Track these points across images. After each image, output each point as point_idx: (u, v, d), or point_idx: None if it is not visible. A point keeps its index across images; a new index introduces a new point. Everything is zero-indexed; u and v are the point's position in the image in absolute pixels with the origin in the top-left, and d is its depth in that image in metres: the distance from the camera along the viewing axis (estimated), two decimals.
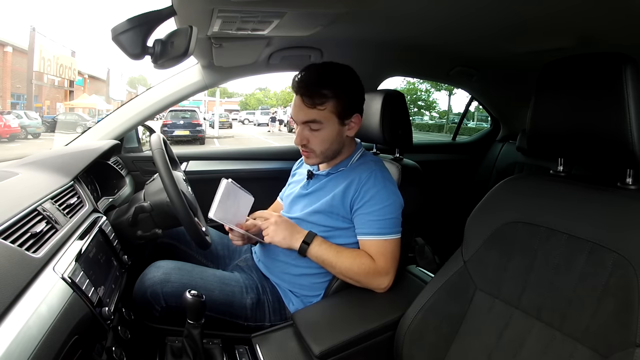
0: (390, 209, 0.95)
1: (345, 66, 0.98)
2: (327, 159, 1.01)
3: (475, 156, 2.39)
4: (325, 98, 0.92)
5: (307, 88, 0.93)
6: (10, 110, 14.27)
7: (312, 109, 0.93)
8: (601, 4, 0.85)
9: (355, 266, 0.93)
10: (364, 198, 0.95)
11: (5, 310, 0.52)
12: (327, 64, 0.97)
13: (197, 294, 0.79)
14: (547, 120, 0.71)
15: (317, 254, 0.94)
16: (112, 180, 1.28)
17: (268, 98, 43.26)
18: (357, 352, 0.84)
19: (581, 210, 0.66)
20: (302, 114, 0.95)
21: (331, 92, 0.92)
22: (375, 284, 0.95)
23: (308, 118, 0.94)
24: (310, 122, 0.95)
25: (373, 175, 0.96)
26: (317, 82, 0.93)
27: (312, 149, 0.98)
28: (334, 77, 0.95)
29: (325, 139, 0.96)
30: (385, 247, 0.94)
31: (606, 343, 0.56)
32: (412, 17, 1.05)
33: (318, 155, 0.99)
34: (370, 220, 0.94)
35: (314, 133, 0.96)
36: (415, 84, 22.45)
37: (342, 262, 0.93)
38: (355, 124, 0.99)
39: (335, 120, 0.95)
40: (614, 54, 0.62)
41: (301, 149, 1.00)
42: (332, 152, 1.00)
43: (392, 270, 0.95)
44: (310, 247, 0.94)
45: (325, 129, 0.95)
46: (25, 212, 0.72)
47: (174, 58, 0.71)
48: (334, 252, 0.94)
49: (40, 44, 15.51)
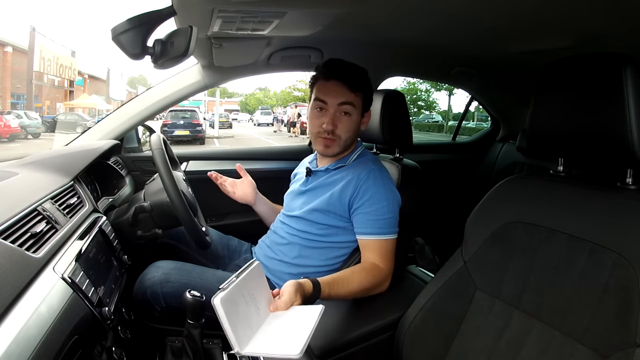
0: (389, 208, 0.95)
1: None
2: (343, 149, 1.04)
3: (475, 156, 2.39)
4: (361, 86, 1.00)
5: (349, 73, 0.99)
6: (10, 110, 14.27)
7: (351, 92, 0.98)
8: (601, 4, 0.85)
9: (368, 283, 0.89)
10: (363, 197, 0.95)
11: (5, 310, 0.51)
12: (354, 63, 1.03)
13: (197, 294, 0.79)
14: (547, 120, 0.71)
15: (330, 299, 0.84)
16: (112, 180, 1.28)
17: (268, 98, 43.23)
18: (357, 352, 0.84)
19: (581, 210, 0.66)
20: (342, 95, 0.98)
21: (364, 82, 1.01)
22: (381, 289, 0.94)
23: (347, 99, 0.98)
24: (346, 104, 0.98)
25: (372, 174, 0.97)
26: (355, 70, 1.00)
27: (339, 134, 1.00)
28: (364, 71, 1.02)
29: (351, 126, 1.01)
30: (386, 247, 0.94)
31: (606, 343, 0.56)
32: (412, 17, 1.05)
33: (341, 144, 1.02)
34: (369, 219, 0.95)
35: (345, 118, 1.00)
36: (415, 84, 22.43)
37: (355, 290, 0.87)
38: (367, 121, 1.07)
39: (360, 110, 1.02)
40: (614, 54, 0.62)
41: (325, 137, 1.00)
42: (350, 142, 1.03)
43: (391, 272, 0.95)
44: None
45: (353, 116, 1.00)
46: (25, 212, 0.72)
47: (174, 58, 0.71)
48: (345, 289, 0.86)
49: (40, 44, 15.52)
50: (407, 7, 0.95)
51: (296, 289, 0.72)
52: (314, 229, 1.01)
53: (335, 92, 0.98)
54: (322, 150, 1.03)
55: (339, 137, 1.00)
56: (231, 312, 0.59)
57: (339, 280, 0.86)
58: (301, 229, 1.04)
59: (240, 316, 0.61)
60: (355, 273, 0.90)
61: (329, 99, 0.99)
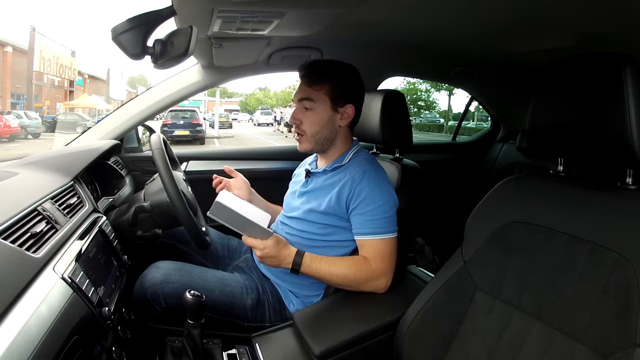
0: (385, 208, 0.95)
1: (349, 64, 1.05)
2: (318, 145, 1.03)
3: (475, 156, 2.39)
4: (323, 80, 0.99)
5: (308, 69, 1.02)
6: (10, 110, 14.27)
7: (308, 87, 1.00)
8: (601, 4, 0.85)
9: (351, 274, 0.93)
10: (358, 198, 0.95)
11: (5, 310, 0.51)
12: (332, 60, 1.06)
13: (197, 294, 0.79)
14: (547, 120, 0.71)
15: (309, 272, 0.93)
16: (112, 180, 1.28)
17: (268, 98, 43.24)
18: (357, 352, 0.84)
19: (581, 210, 0.66)
20: (299, 92, 1.02)
21: (329, 76, 1.00)
22: (374, 286, 0.95)
23: (303, 95, 1.01)
24: (305, 100, 1.00)
25: (367, 175, 0.97)
26: (318, 66, 1.03)
27: (304, 129, 1.02)
28: (334, 65, 1.03)
29: (316, 121, 1.01)
30: (383, 247, 0.94)
31: (606, 343, 0.56)
32: (412, 17, 1.05)
33: (309, 139, 1.02)
34: (365, 220, 0.95)
35: (307, 113, 1.01)
36: (415, 84, 22.42)
37: (336, 273, 0.93)
38: (349, 115, 1.03)
39: (328, 104, 1.00)
40: (614, 54, 0.62)
41: (294, 132, 1.05)
42: (322, 137, 1.02)
43: (389, 271, 0.95)
44: (301, 269, 0.92)
45: (317, 111, 1.00)
46: (25, 212, 0.72)
47: (174, 58, 0.71)
48: (327, 266, 0.93)
49: (40, 44, 15.50)
50: (407, 7, 0.95)
51: (278, 240, 0.89)
52: (314, 228, 1.01)
53: (298, 89, 1.03)
54: (299, 147, 1.06)
55: (305, 132, 1.02)
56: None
57: (324, 259, 0.94)
58: (301, 228, 1.04)
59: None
60: (341, 259, 0.96)
61: (294, 96, 1.05)
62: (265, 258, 0.89)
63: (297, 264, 0.91)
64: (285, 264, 0.91)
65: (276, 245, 0.89)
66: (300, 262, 0.91)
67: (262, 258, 0.89)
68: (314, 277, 0.94)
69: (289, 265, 0.91)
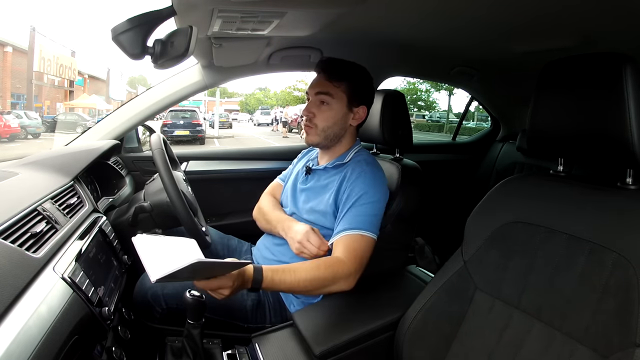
0: (375, 206, 0.95)
1: (363, 67, 1.06)
2: (326, 140, 1.03)
3: (475, 156, 2.39)
4: (343, 77, 1.00)
5: (328, 64, 1.02)
6: (10, 110, 14.26)
7: (328, 82, 1.00)
8: (601, 4, 0.85)
9: (320, 274, 0.86)
10: (351, 193, 0.96)
11: (5, 310, 0.52)
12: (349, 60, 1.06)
13: (197, 294, 0.79)
14: (547, 120, 0.71)
15: (272, 287, 0.83)
16: (112, 180, 1.28)
17: (268, 98, 43.21)
18: (357, 352, 0.84)
19: (581, 210, 0.66)
20: (317, 85, 1.02)
21: (348, 74, 1.01)
22: (344, 285, 0.89)
23: (322, 89, 1.00)
24: (323, 94, 1.00)
25: (363, 173, 0.98)
26: (340, 63, 1.03)
27: (316, 123, 1.02)
28: (352, 65, 1.04)
29: (330, 116, 1.01)
30: (361, 245, 0.91)
31: (606, 343, 0.56)
32: (412, 17, 1.05)
33: (319, 133, 1.02)
34: (354, 214, 0.93)
35: (322, 107, 1.01)
36: (415, 84, 22.39)
37: (304, 278, 0.84)
38: (360, 116, 1.05)
39: (344, 102, 1.01)
40: (614, 54, 0.62)
41: (304, 124, 1.04)
42: (332, 134, 1.03)
43: (360, 271, 0.90)
44: (262, 285, 0.81)
45: (333, 107, 1.01)
46: (25, 212, 0.72)
47: (174, 58, 0.71)
48: (291, 275, 0.83)
49: (40, 44, 15.49)
50: (407, 7, 0.95)
51: (233, 276, 0.74)
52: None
53: (316, 83, 1.03)
54: (306, 139, 1.06)
55: (316, 126, 1.02)
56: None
57: (285, 268, 0.84)
58: None
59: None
60: (304, 263, 0.88)
61: (310, 89, 1.04)
62: (225, 291, 0.76)
63: (257, 281, 0.79)
64: (245, 286, 0.80)
65: (239, 271, 0.76)
66: (260, 279, 0.80)
67: (231, 293, 0.76)
68: (280, 290, 0.88)
69: (248, 285, 0.79)
